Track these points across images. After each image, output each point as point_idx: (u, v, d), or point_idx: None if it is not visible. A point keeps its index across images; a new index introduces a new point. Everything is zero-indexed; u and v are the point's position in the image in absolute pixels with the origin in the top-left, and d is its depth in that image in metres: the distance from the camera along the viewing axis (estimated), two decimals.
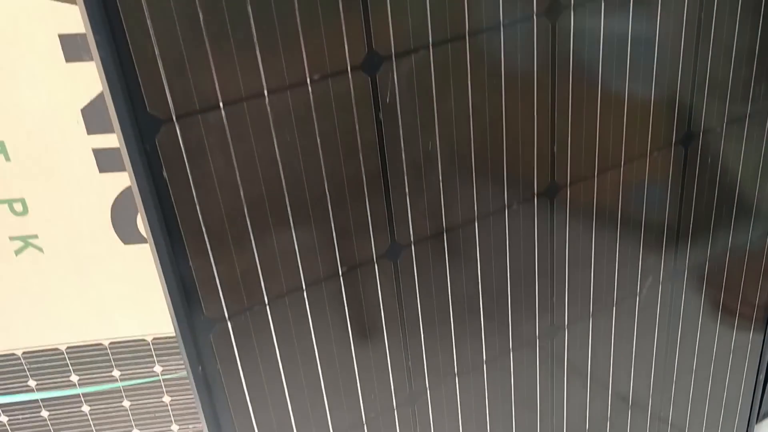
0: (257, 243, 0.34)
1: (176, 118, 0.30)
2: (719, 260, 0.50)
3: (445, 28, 0.34)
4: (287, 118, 0.32)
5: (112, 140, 0.44)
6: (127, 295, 0.50)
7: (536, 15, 0.36)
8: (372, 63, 0.33)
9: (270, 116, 0.31)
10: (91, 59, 0.41)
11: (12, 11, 0.39)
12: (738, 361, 0.56)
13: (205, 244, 0.32)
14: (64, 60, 0.41)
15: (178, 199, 0.31)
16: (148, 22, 0.28)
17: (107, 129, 0.43)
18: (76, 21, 0.40)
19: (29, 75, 0.41)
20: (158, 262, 0.32)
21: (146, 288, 0.50)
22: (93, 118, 0.43)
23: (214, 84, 0.30)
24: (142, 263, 0.49)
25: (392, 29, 0.33)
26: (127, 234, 0.48)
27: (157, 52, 0.28)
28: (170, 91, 0.29)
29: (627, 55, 0.39)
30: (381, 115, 0.34)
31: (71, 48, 0.40)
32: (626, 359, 0.50)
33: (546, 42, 0.37)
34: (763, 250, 0.53)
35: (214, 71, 0.30)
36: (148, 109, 0.29)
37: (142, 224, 0.48)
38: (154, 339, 0.53)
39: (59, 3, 0.39)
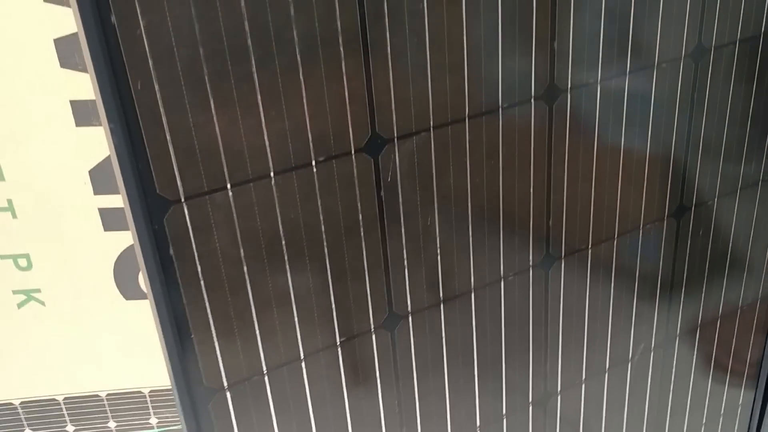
0: (258, 316, 0.34)
1: (185, 200, 0.31)
2: (711, 326, 0.51)
3: (446, 112, 0.35)
4: (292, 197, 0.33)
5: (118, 200, 0.45)
6: (126, 348, 0.51)
7: (534, 99, 0.37)
8: (375, 145, 0.34)
9: (275, 196, 0.32)
10: (100, 124, 0.42)
11: (28, 78, 0.40)
12: (728, 421, 0.57)
13: (208, 318, 0.33)
14: (74, 124, 0.42)
15: (183, 274, 0.32)
16: (162, 111, 0.29)
17: (113, 190, 0.44)
18: (87, 88, 0.41)
19: (40, 138, 0.42)
20: (161, 334, 0.32)
21: (145, 341, 0.51)
22: (100, 179, 0.44)
23: (223, 167, 0.31)
24: (141, 317, 0.50)
25: (395, 114, 0.34)
26: (128, 290, 0.48)
27: (168, 138, 0.29)
28: (180, 175, 0.30)
29: (621, 133, 0.41)
30: (382, 193, 0.35)
31: (82, 113, 0.42)
32: (618, 423, 0.50)
33: (543, 124, 0.38)
34: (754, 309, 0.53)
35: (223, 156, 0.31)
36: (158, 190, 0.30)
37: (143, 280, 0.48)
38: (151, 391, 0.53)
39: (72, 71, 0.40)
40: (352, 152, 0.34)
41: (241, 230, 0.32)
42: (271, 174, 0.32)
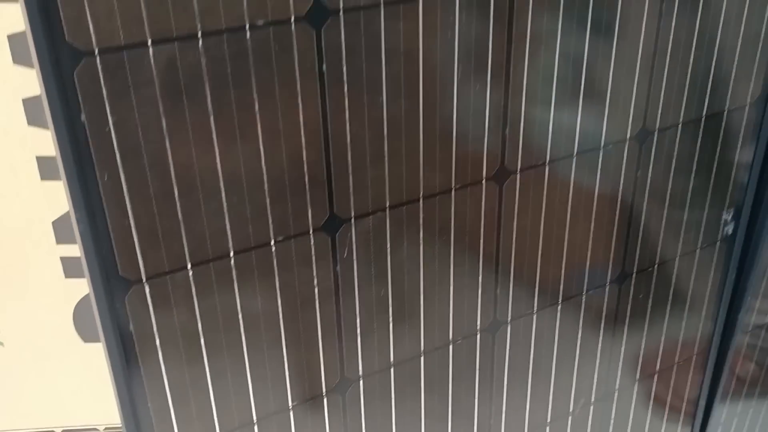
0: (213, 383, 0.36)
1: (146, 279, 0.32)
2: (649, 382, 0.54)
3: (401, 194, 0.37)
4: (250, 275, 0.34)
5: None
6: (83, 387, 0.52)
7: (485, 179, 0.39)
8: (333, 225, 0.36)
9: (234, 274, 0.34)
10: None
11: None
12: None
13: (165, 389, 0.34)
14: (39, 178, 0.43)
15: (142, 351, 0.33)
16: (127, 202, 0.30)
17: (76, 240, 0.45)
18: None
19: (4, 191, 0.43)
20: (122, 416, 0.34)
21: (101, 381, 0.52)
22: (63, 230, 0.45)
23: (184, 249, 0.32)
24: (98, 359, 0.51)
25: (353, 196, 0.35)
26: (87, 333, 0.49)
27: (132, 224, 0.31)
28: (142, 257, 0.31)
29: (567, 209, 0.43)
30: (338, 268, 0.37)
31: (47, 168, 0.42)
32: None
33: (493, 203, 0.40)
34: (692, 353, 0.56)
35: (184, 239, 0.32)
36: (120, 272, 0.31)
37: None
38: (106, 428, 0.54)
39: (39, 129, 0.41)
40: (311, 231, 0.35)
41: (200, 306, 0.34)
42: (231, 253, 0.34)
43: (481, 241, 0.41)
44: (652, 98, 0.43)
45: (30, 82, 0.40)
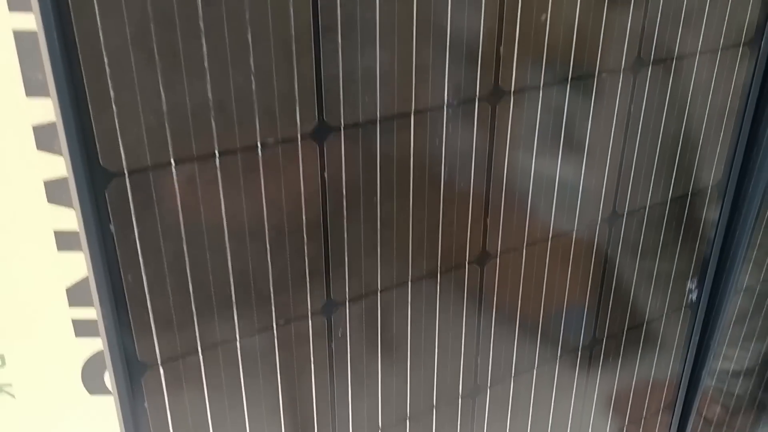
0: None
1: (161, 362, 0.35)
2: (621, 422, 0.58)
3: (392, 277, 0.41)
4: (253, 356, 0.38)
5: (91, 313, 0.49)
6: None
7: (468, 263, 0.43)
8: (329, 308, 0.39)
9: (239, 357, 0.38)
10: (80, 250, 0.46)
11: (11, 210, 0.44)
12: None
13: None
14: (56, 249, 0.46)
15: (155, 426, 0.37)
16: (147, 296, 0.33)
17: (88, 303, 0.49)
18: (69, 221, 0.45)
19: (22, 262, 0.46)
20: None
21: (107, 429, 0.55)
22: (76, 295, 0.48)
23: (196, 335, 0.36)
24: (104, 412, 0.54)
25: (348, 282, 0.39)
26: (93, 386, 0.53)
27: (151, 316, 0.34)
28: (158, 343, 0.35)
29: (542, 288, 0.47)
30: (333, 345, 0.41)
31: (63, 241, 0.46)
32: None
33: (475, 291, 0.44)
34: (662, 391, 0.60)
35: (196, 327, 0.36)
36: (138, 357, 0.35)
37: (108, 380, 0.53)
38: None
39: (58, 206, 0.45)
40: (309, 314, 0.39)
41: (210, 396, 0.37)
42: (237, 337, 0.37)
43: (463, 332, 0.45)
44: (621, 184, 0.47)
45: (51, 165, 0.43)
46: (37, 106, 0.41)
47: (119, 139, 0.30)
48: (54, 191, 0.44)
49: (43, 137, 0.42)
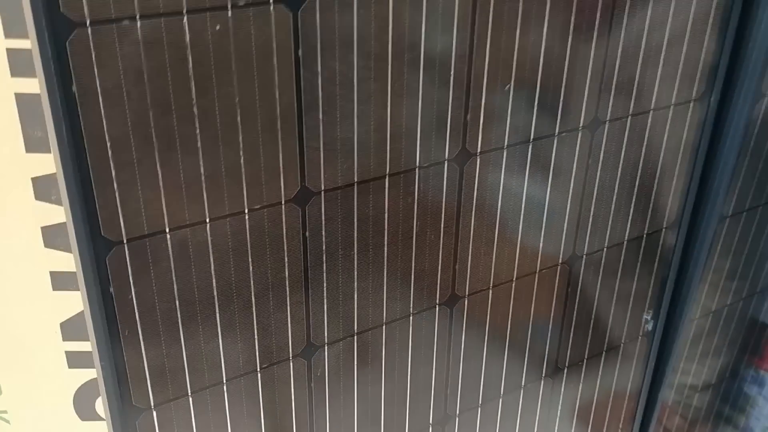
0: None
1: (154, 406, 0.39)
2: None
3: (368, 321, 0.44)
4: (239, 398, 0.41)
5: (86, 346, 0.52)
6: None
7: (438, 305, 0.47)
8: (309, 351, 0.43)
9: (226, 400, 0.41)
10: (77, 289, 0.49)
11: (11, 255, 0.47)
12: None
13: None
14: (51, 289, 0.49)
15: None
16: (143, 350, 0.37)
17: (83, 337, 0.51)
18: (65, 261, 0.48)
19: (19, 301, 0.49)
20: None
21: None
22: (70, 330, 0.51)
23: (186, 381, 0.39)
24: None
25: (326, 327, 0.43)
26: (85, 413, 0.55)
27: (146, 366, 0.37)
28: (152, 390, 0.38)
29: (507, 328, 0.51)
30: (312, 385, 0.44)
31: (59, 281, 0.49)
32: None
33: (444, 329, 0.47)
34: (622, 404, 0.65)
35: (187, 374, 0.39)
36: (133, 402, 0.38)
37: (101, 407, 0.55)
38: None
39: (52, 250, 0.47)
40: (290, 358, 0.42)
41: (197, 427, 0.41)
42: (224, 379, 0.40)
43: (434, 367, 0.48)
44: (580, 229, 0.51)
45: (48, 213, 0.46)
46: (36, 160, 0.44)
47: (120, 213, 0.33)
48: (50, 237, 0.47)
49: (41, 188, 0.45)
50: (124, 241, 0.34)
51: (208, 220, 0.36)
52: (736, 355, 0.74)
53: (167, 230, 0.35)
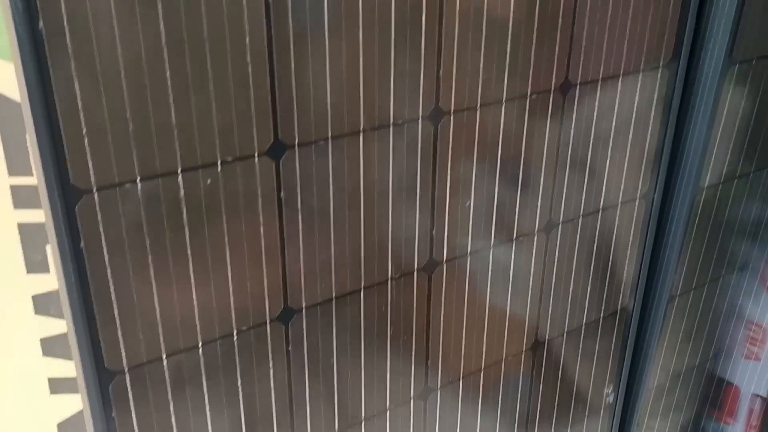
0: None
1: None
2: None
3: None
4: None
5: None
6: None
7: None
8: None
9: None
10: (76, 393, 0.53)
11: (12, 366, 0.50)
12: None
13: None
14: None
15: None
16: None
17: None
18: (64, 368, 0.51)
19: (16, 399, 0.52)
20: None
21: None
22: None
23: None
24: None
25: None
26: None
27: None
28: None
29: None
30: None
31: (56, 385, 0.52)
32: None
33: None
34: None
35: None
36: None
37: None
38: None
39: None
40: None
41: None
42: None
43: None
44: (541, 317, 0.55)
45: (46, 326, 0.49)
46: (36, 280, 0.48)
47: (121, 345, 0.37)
48: (49, 347, 0.50)
49: (40, 304, 0.48)
50: (126, 371, 0.38)
51: (200, 344, 0.40)
52: (697, 410, 0.79)
53: (164, 358, 0.39)
